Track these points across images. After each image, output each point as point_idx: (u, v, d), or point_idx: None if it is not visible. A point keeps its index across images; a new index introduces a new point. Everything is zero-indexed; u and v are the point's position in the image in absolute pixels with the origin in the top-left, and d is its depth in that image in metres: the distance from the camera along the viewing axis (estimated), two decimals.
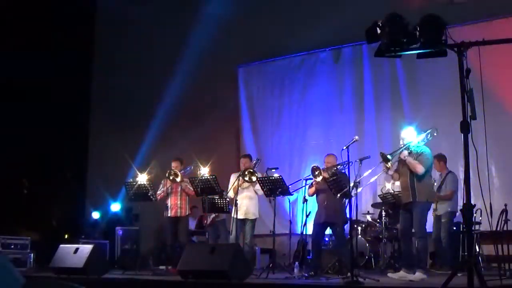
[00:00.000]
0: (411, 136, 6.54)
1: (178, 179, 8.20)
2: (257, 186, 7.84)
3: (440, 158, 8.25)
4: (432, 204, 8.21)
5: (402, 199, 6.64)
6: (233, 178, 8.20)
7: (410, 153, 6.42)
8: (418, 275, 6.14)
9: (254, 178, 7.69)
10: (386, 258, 8.46)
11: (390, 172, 6.57)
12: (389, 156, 6.32)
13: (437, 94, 9.69)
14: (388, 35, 4.49)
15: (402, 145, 6.49)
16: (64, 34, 12.46)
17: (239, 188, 7.76)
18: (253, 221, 8.06)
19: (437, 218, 8.23)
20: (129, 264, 8.70)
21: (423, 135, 6.56)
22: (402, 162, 6.51)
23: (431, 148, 6.66)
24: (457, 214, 8.17)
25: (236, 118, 11.91)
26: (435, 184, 7.93)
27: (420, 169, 6.31)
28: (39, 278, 7.18)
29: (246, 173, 7.70)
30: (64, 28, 12.48)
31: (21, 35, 11.85)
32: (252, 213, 8.03)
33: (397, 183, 7.20)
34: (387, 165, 6.36)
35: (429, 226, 8.57)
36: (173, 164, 8.45)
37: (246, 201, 7.94)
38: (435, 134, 6.55)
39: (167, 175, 8.26)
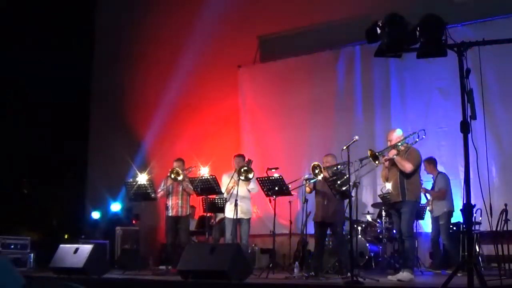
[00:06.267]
0: (399, 137, 6.56)
1: (180, 178, 8.16)
2: (251, 185, 7.82)
3: (430, 161, 8.39)
4: (428, 206, 8.31)
5: (391, 199, 6.64)
6: (225, 178, 8.19)
7: (398, 153, 6.42)
8: (406, 275, 6.13)
9: (250, 175, 7.62)
10: (386, 258, 8.47)
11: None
12: (377, 154, 6.33)
13: (439, 94, 9.69)
14: (388, 35, 4.48)
15: (389, 145, 6.52)
16: (64, 34, 12.47)
17: (234, 187, 7.71)
18: (248, 220, 8.07)
19: (435, 220, 8.28)
20: (129, 264, 8.70)
21: (411, 136, 6.58)
22: (390, 162, 6.51)
23: (430, 148, 6.66)
24: (453, 213, 8.23)
25: (236, 118, 11.90)
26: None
27: (408, 167, 6.31)
28: (39, 278, 7.20)
29: (242, 171, 7.61)
30: (64, 27, 12.49)
31: (21, 34, 11.86)
32: (246, 212, 8.02)
33: None
34: (375, 163, 6.37)
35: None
36: (175, 164, 8.45)
37: (240, 201, 7.89)
38: (423, 136, 6.55)
39: (168, 173, 8.25)
